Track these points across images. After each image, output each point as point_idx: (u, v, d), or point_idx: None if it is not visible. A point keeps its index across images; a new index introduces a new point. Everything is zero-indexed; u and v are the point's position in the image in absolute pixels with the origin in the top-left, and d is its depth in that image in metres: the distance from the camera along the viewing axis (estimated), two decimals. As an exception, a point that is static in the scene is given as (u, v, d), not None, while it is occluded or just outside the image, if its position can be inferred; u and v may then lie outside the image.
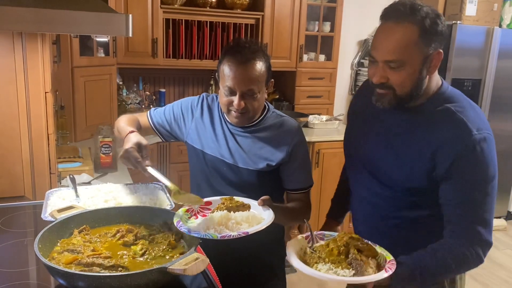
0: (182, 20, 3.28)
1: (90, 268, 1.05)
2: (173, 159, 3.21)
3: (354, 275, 1.09)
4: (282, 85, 3.90)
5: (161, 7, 3.16)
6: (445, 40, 1.27)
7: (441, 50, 1.25)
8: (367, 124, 1.43)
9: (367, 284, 1.11)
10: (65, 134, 2.68)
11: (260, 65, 1.47)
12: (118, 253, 1.15)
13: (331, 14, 3.75)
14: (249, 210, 1.31)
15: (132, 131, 1.46)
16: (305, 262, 1.16)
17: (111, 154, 2.31)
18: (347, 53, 4.13)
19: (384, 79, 1.25)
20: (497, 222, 4.39)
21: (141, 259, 1.14)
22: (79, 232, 1.23)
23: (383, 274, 1.10)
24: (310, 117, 3.67)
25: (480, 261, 1.24)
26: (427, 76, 1.26)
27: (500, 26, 4.03)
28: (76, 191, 1.54)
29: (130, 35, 0.98)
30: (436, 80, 1.31)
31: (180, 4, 3.29)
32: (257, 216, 1.29)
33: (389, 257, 1.16)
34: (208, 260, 1.05)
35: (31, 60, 1.59)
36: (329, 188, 3.39)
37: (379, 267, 1.14)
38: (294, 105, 3.80)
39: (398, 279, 1.15)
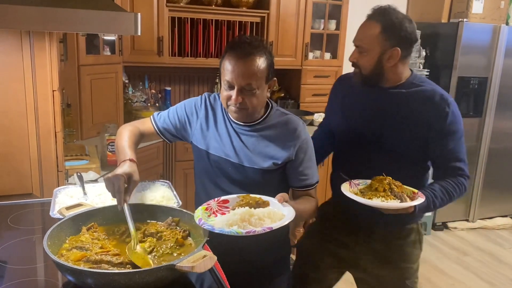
0: (187, 18, 3.28)
1: (98, 265, 1.06)
2: (178, 157, 3.22)
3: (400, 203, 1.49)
4: (288, 83, 3.90)
5: (166, 6, 3.16)
6: (410, 43, 1.64)
7: (398, 48, 1.60)
8: (354, 105, 1.79)
9: (408, 208, 1.50)
10: (71, 132, 2.70)
11: (260, 61, 1.47)
12: (126, 250, 1.16)
13: (336, 12, 3.74)
14: (268, 206, 1.33)
15: (132, 160, 1.39)
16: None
17: (118, 152, 2.30)
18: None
19: (355, 59, 1.67)
20: (503, 221, 4.37)
21: (149, 256, 1.15)
22: (87, 230, 1.24)
23: (420, 200, 1.49)
24: (316, 115, 3.67)
25: (466, 190, 1.67)
26: (386, 65, 1.63)
27: (507, 23, 4.01)
28: (83, 189, 1.55)
29: (139, 33, 0.98)
30: (407, 70, 1.71)
31: (185, 2, 3.29)
32: (277, 212, 1.31)
33: (415, 190, 1.56)
34: (215, 257, 1.05)
35: (39, 58, 1.60)
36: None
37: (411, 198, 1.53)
38: (299, 103, 3.80)
39: (420, 207, 1.55)
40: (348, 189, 1.57)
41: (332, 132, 1.91)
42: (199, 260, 1.01)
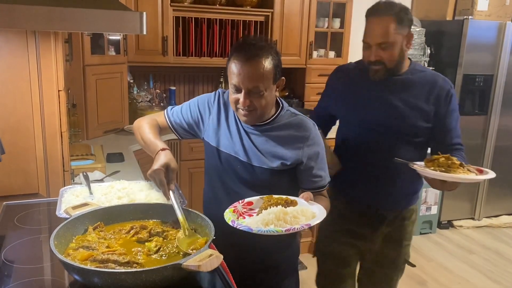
0: (192, 18, 3.28)
1: (105, 265, 1.06)
2: (184, 157, 3.23)
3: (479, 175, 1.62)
4: (292, 82, 3.89)
5: (171, 5, 3.17)
6: (411, 24, 1.76)
7: (412, 32, 1.77)
8: (362, 95, 1.86)
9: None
10: (77, 132, 2.70)
11: (266, 62, 1.45)
12: (133, 249, 1.16)
13: (340, 11, 3.73)
14: (297, 205, 1.35)
15: (164, 149, 1.43)
16: None
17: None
18: (357, 49, 4.07)
19: (378, 57, 1.73)
20: (509, 219, 4.35)
21: (156, 255, 1.15)
22: (94, 229, 1.24)
23: (492, 173, 1.63)
24: (320, 114, 3.66)
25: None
26: (406, 51, 1.78)
27: (512, 21, 3.98)
28: (89, 188, 1.55)
29: (145, 32, 0.98)
30: (407, 59, 1.84)
31: (189, 2, 3.29)
32: (308, 210, 1.33)
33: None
34: (222, 256, 1.05)
35: (45, 58, 1.61)
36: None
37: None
38: (304, 102, 3.79)
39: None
40: (429, 169, 1.63)
41: (329, 119, 2.08)
42: (206, 259, 1.01)
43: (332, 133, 2.15)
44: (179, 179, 3.24)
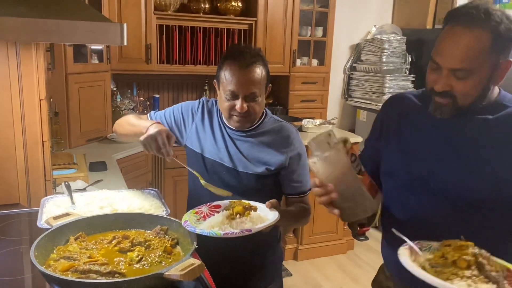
0: (175, 26, 3.29)
1: (86, 275, 1.06)
2: (168, 165, 3.21)
3: None
4: (276, 89, 3.92)
5: (154, 14, 3.17)
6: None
7: (511, 59, 1.16)
8: (417, 138, 1.29)
9: None
10: (59, 140, 2.68)
11: (260, 69, 1.51)
12: (115, 259, 1.16)
13: (323, 19, 3.78)
14: (255, 211, 1.35)
15: (158, 122, 1.50)
16: None
17: (363, 168, 1.31)
18: (340, 57, 4.16)
19: (448, 87, 1.16)
20: None
21: (138, 265, 1.15)
22: (75, 239, 1.24)
23: None
24: (304, 121, 3.70)
25: None
26: (493, 86, 1.18)
27: (490, 29, 4.08)
28: (71, 198, 1.54)
29: (125, 43, 0.99)
30: (496, 88, 1.23)
31: (173, 10, 3.30)
32: (262, 217, 1.32)
33: (510, 266, 1.02)
34: (204, 265, 1.06)
35: (26, 67, 1.60)
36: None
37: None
38: (288, 109, 3.82)
39: None
40: (409, 259, 1.04)
41: (375, 169, 1.40)
42: (188, 268, 1.01)
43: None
44: (163, 187, 3.22)
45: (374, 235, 4.12)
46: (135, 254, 1.18)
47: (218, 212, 1.38)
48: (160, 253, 1.19)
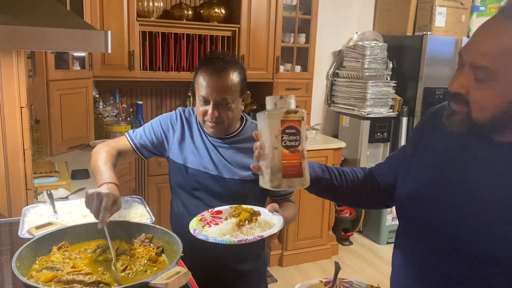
0: (158, 32, 3.28)
1: (70, 286, 1.04)
2: (151, 172, 3.19)
3: None
4: (260, 95, 3.92)
5: (137, 20, 3.16)
6: None
7: None
8: (452, 167, 1.02)
9: None
10: (40, 148, 2.64)
11: (233, 76, 1.51)
12: (99, 269, 1.14)
13: (306, 26, 3.82)
14: (260, 216, 1.36)
15: (116, 184, 1.36)
16: None
17: (299, 147, 1.05)
18: (322, 63, 4.20)
19: (464, 89, 0.93)
20: None
21: (122, 274, 1.13)
22: (58, 249, 1.22)
23: None
24: (288, 127, 3.71)
25: None
26: None
27: (468, 36, 4.18)
28: (53, 207, 1.52)
29: (109, 51, 0.99)
30: None
31: (156, 17, 3.29)
32: (268, 221, 1.34)
33: None
34: (190, 273, 1.06)
35: (6, 75, 1.57)
36: (307, 196, 3.42)
37: None
38: (271, 115, 3.83)
39: None
40: None
41: (387, 192, 1.22)
42: (173, 276, 1.01)
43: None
44: (147, 194, 3.20)
45: (358, 240, 4.16)
46: (119, 263, 1.16)
47: (220, 218, 1.39)
48: (145, 261, 1.19)
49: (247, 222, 1.30)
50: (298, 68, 3.87)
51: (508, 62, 0.88)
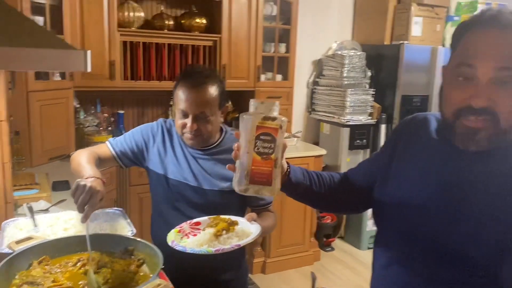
0: (139, 42, 3.29)
1: (51, 300, 1.05)
2: (133, 181, 3.19)
3: None
4: (242, 104, 3.96)
5: (118, 30, 3.17)
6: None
7: None
8: (424, 173, 1.04)
9: None
10: (20, 160, 2.62)
11: (212, 89, 1.55)
12: (80, 282, 1.16)
13: (286, 36, 3.88)
14: (237, 226, 1.38)
15: (103, 181, 1.35)
16: None
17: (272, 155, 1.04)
18: (303, 72, 4.27)
19: (491, 101, 0.88)
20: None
21: (104, 287, 1.15)
22: (39, 263, 1.22)
23: None
24: (269, 135, 3.75)
25: None
26: None
27: (443, 45, 4.30)
28: (34, 220, 1.52)
29: (89, 69, 1.00)
30: None
31: (137, 27, 3.31)
32: (245, 230, 1.37)
33: None
34: (170, 284, 1.08)
35: (-15, 89, 1.57)
36: (289, 203, 3.46)
37: None
38: (253, 123, 3.86)
39: None
40: None
41: (363, 193, 1.22)
42: (154, 289, 1.03)
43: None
44: (129, 204, 3.19)
45: (340, 246, 4.21)
46: (101, 277, 1.18)
47: (198, 229, 1.41)
48: (127, 274, 1.20)
49: (224, 232, 1.33)
50: (279, 77, 3.92)
51: None
